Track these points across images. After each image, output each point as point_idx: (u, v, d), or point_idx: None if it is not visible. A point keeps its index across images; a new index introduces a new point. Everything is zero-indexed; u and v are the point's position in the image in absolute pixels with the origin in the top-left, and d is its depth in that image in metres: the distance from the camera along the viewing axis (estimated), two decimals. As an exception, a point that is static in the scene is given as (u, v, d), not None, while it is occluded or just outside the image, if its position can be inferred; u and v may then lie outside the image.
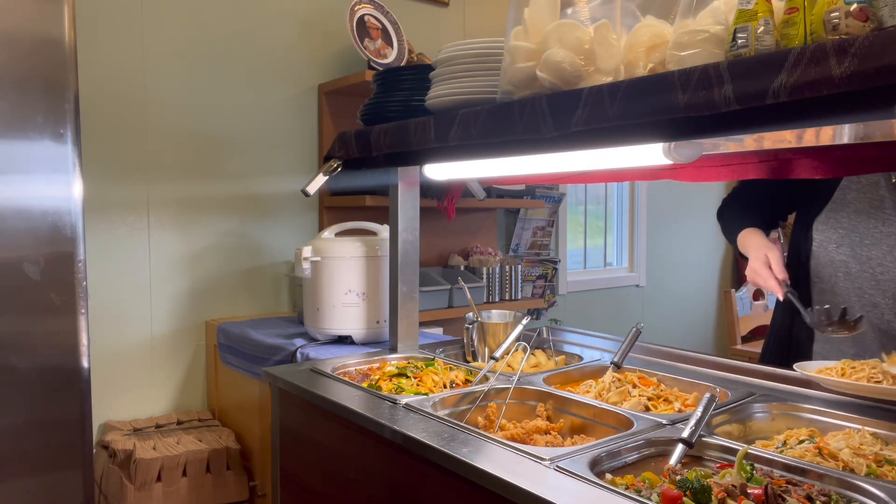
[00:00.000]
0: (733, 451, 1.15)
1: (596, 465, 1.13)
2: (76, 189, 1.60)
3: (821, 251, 1.64)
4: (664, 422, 1.31)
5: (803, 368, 1.44)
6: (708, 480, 1.01)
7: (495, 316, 1.96)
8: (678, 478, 1.02)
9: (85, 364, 1.63)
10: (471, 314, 1.93)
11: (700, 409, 1.23)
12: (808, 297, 1.67)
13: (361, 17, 2.76)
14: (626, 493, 1.00)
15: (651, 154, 1.22)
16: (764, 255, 1.63)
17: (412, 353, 1.95)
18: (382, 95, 1.80)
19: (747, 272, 1.69)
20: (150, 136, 2.48)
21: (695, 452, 1.20)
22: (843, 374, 1.38)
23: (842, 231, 1.59)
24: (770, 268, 1.60)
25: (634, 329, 1.78)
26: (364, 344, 2.12)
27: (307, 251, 2.09)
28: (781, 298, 1.64)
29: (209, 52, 2.59)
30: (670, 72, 1.03)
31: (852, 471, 1.14)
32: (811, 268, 1.67)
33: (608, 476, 1.11)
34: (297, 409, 1.71)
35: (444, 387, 1.66)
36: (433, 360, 1.84)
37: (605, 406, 1.43)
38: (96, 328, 2.21)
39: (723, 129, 1.02)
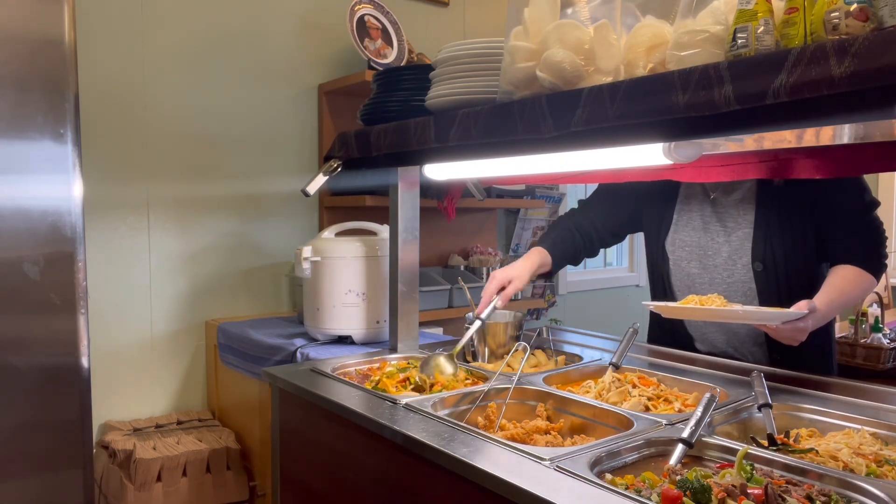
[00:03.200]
0: (733, 451, 1.15)
1: (596, 465, 1.13)
2: (76, 189, 1.60)
3: (676, 268, 1.88)
4: (664, 422, 1.31)
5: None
6: (708, 480, 1.01)
7: (495, 316, 1.96)
8: (678, 478, 1.02)
9: (85, 364, 1.63)
10: (471, 314, 1.93)
11: (700, 409, 1.23)
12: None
13: (361, 17, 2.76)
14: (626, 493, 1.00)
15: (651, 154, 1.22)
16: (508, 279, 1.85)
17: (412, 353, 1.95)
18: (382, 95, 1.80)
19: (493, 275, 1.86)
20: (150, 136, 2.48)
21: (695, 452, 1.20)
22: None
23: (688, 248, 1.84)
24: (499, 292, 1.82)
25: (631, 329, 1.78)
26: (364, 344, 2.12)
27: (307, 251, 2.09)
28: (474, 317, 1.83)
29: (209, 52, 2.59)
30: (670, 72, 1.03)
31: (852, 471, 1.14)
32: (672, 282, 1.90)
33: (608, 476, 1.11)
34: (297, 409, 1.71)
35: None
36: (433, 360, 1.84)
37: (604, 406, 1.43)
38: (96, 328, 2.21)
39: (723, 129, 1.02)
